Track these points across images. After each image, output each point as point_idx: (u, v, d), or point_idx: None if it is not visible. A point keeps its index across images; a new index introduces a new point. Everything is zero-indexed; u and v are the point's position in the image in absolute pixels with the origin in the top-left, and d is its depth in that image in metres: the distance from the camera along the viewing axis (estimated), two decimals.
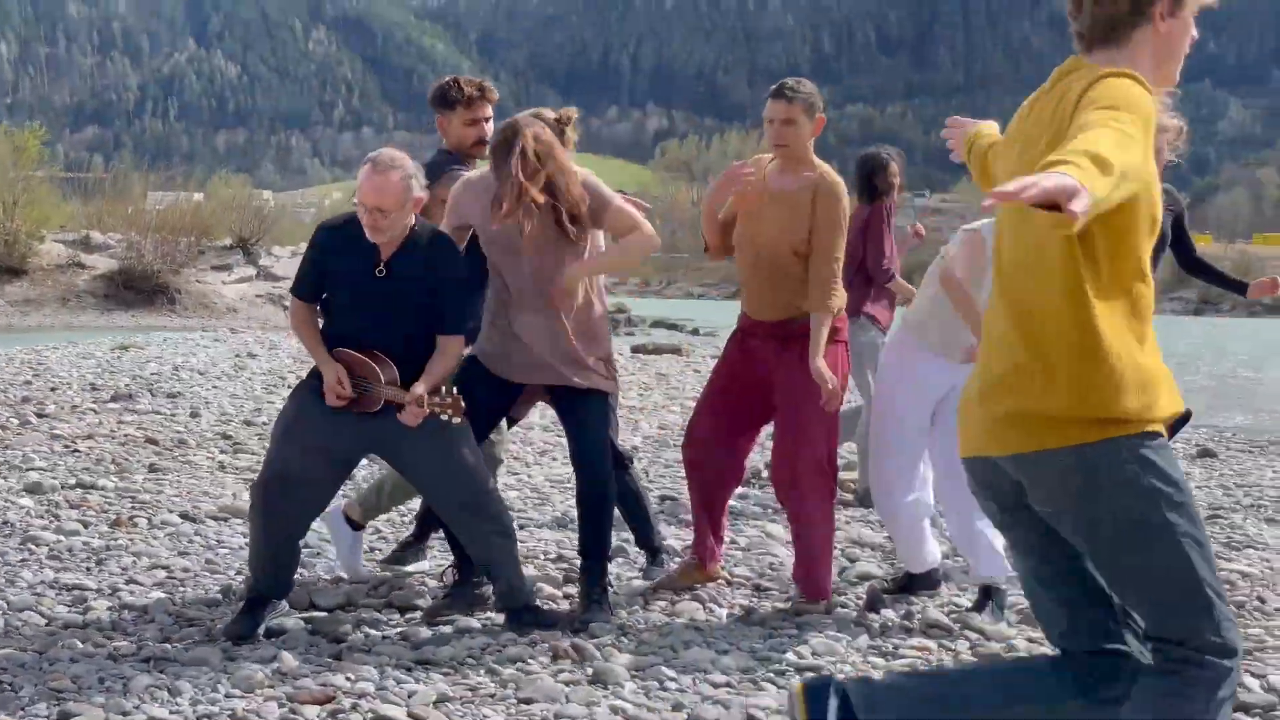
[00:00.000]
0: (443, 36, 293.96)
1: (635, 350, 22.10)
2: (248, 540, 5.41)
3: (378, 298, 5.03)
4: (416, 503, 6.38)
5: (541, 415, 10.56)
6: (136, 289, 40.24)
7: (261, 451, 8.98)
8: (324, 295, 5.16)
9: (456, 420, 4.99)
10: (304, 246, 5.56)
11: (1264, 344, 35.02)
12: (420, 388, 4.94)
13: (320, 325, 5.18)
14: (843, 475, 8.07)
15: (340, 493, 5.68)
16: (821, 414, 5.45)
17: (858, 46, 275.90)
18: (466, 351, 5.38)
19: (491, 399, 5.37)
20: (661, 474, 9.05)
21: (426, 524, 6.03)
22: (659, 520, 6.44)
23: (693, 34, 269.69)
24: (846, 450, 8.49)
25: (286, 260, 44.93)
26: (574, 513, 5.94)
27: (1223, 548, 7.27)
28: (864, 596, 5.70)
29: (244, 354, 18.13)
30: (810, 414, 5.45)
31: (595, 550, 5.36)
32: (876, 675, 4.67)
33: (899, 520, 5.66)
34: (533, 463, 9.32)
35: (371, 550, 6.42)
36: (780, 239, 5.48)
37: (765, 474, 8.45)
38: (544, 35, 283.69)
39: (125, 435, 10.07)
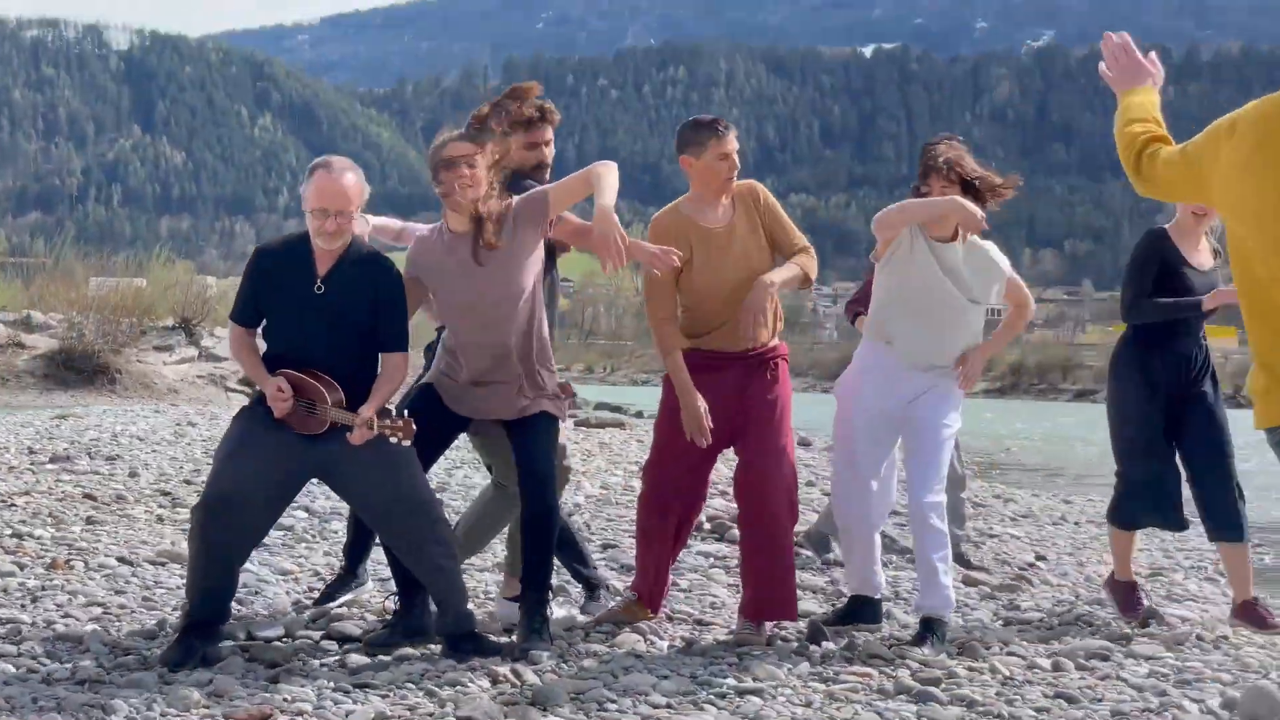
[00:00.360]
0: (388, 124, 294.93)
1: (579, 424, 22.08)
2: (186, 568, 5.37)
3: (317, 314, 5.05)
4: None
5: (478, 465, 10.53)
6: (77, 369, 39.84)
7: None
8: (263, 320, 5.18)
9: (405, 443, 4.99)
10: None
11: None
12: (368, 409, 4.94)
13: (261, 350, 5.19)
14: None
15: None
16: (789, 437, 5.57)
17: (801, 138, 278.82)
18: (425, 378, 5.42)
19: (442, 428, 5.38)
20: (604, 526, 9.04)
21: (355, 555, 6.01)
22: (594, 560, 6.45)
23: (638, 124, 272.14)
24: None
25: (228, 341, 44.69)
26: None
27: (1164, 599, 7.44)
28: (805, 629, 5.72)
29: (184, 423, 17.99)
30: (782, 437, 5.55)
31: (538, 580, 5.35)
32: (818, 698, 4.69)
33: (850, 533, 5.72)
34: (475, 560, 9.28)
35: (310, 590, 6.39)
36: (745, 267, 5.58)
37: (706, 525, 8.48)
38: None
39: (63, 492, 9.96)
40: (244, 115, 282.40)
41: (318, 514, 8.74)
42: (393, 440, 4.97)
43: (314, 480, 5.35)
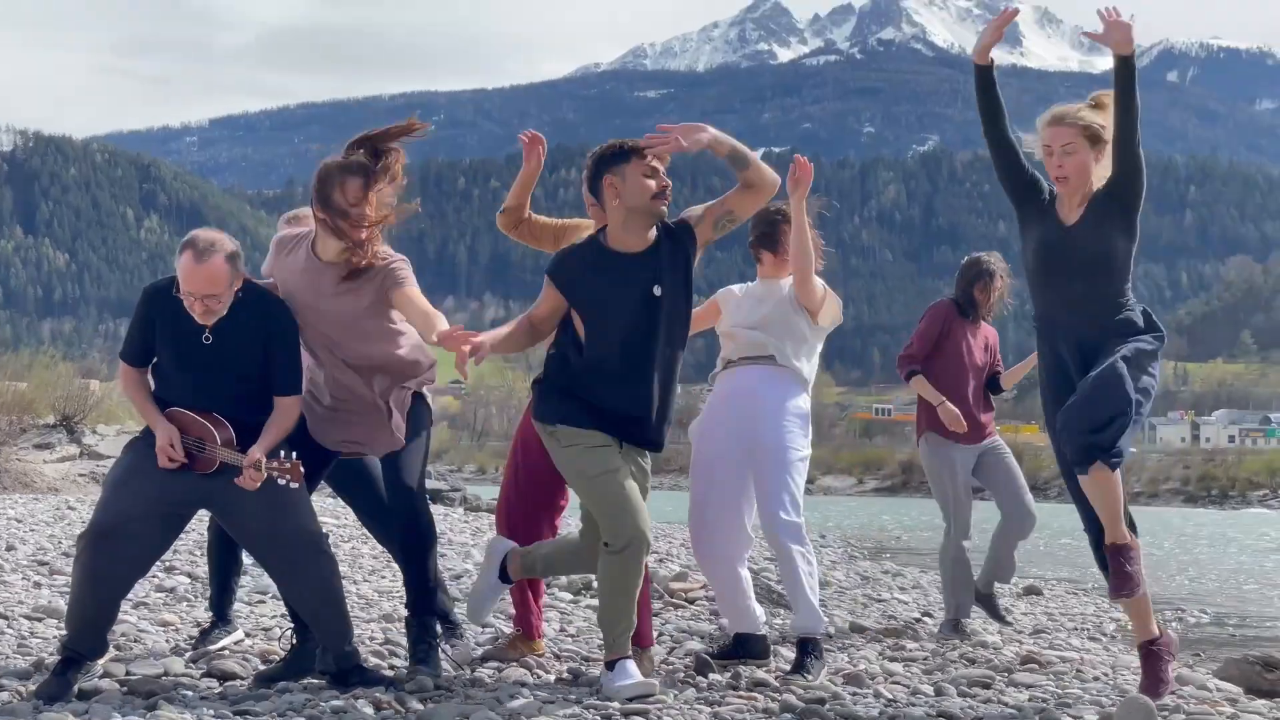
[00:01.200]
0: (276, 226, 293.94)
1: (470, 509, 22.07)
2: (68, 599, 5.25)
3: (205, 363, 5.00)
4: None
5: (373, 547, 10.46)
6: None
7: None
8: (153, 359, 5.12)
9: (294, 485, 4.94)
10: (131, 426, 5.53)
11: (1080, 522, 36.08)
12: (257, 451, 4.89)
13: (152, 388, 5.13)
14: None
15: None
16: None
17: None
18: None
19: (314, 454, 5.33)
20: None
21: (223, 601, 5.97)
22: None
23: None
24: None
25: (111, 439, 44.04)
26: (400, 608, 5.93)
27: (1047, 648, 7.54)
28: (691, 663, 5.73)
29: (64, 507, 17.69)
30: None
31: (422, 604, 5.33)
32: (704, 719, 4.69)
33: (718, 571, 5.73)
34: (361, 580, 9.20)
35: (189, 639, 6.29)
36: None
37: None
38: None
39: None
40: (130, 216, 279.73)
41: (200, 579, 8.61)
42: (280, 482, 4.92)
43: (196, 549, 5.34)
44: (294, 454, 4.98)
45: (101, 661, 5.20)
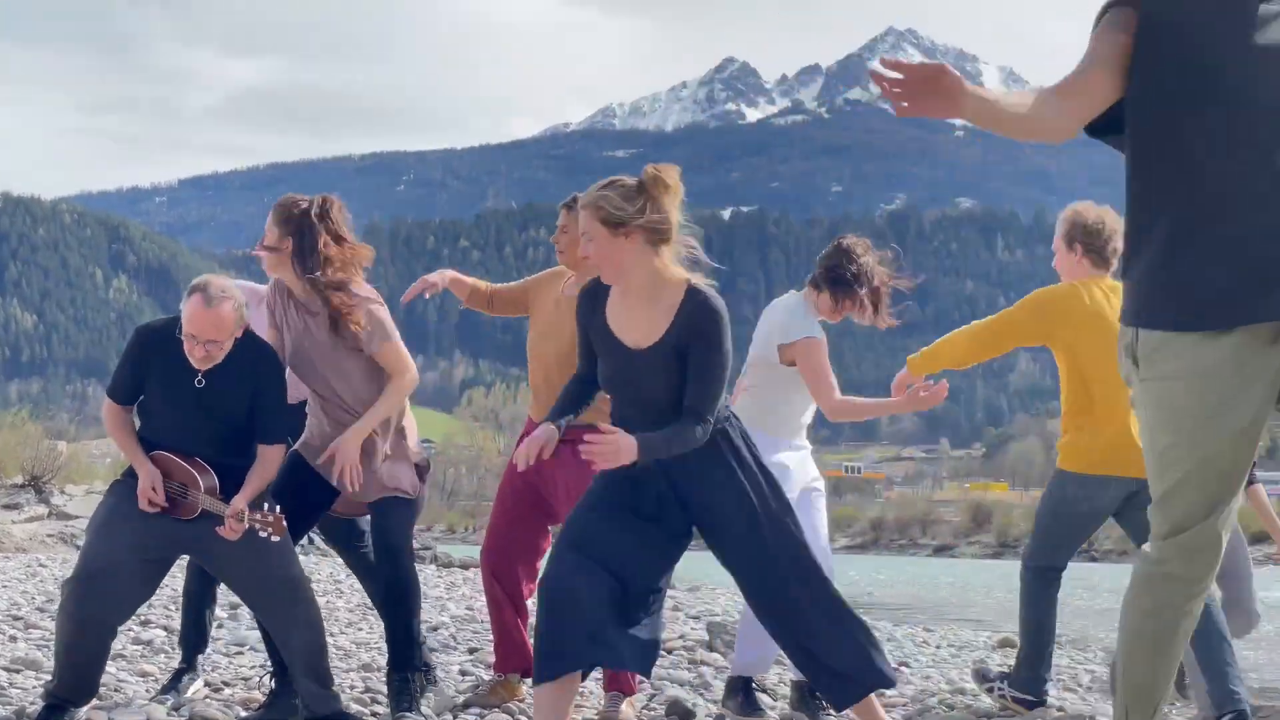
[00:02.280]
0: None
1: (444, 565, 22.01)
2: (54, 644, 5.23)
3: (195, 407, 5.01)
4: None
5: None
6: None
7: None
8: (139, 397, 5.13)
9: (275, 538, 4.94)
10: (99, 486, 5.55)
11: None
12: (240, 502, 4.90)
13: (136, 426, 5.14)
14: None
15: None
16: None
17: None
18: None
19: (313, 493, 5.35)
20: (469, 637, 8.99)
21: (193, 647, 5.98)
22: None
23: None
24: None
25: (80, 499, 43.81)
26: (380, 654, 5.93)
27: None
28: (668, 708, 5.76)
29: (34, 564, 17.61)
30: None
31: (404, 659, 5.33)
32: None
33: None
34: (339, 632, 9.19)
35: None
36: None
37: None
38: None
39: None
40: (99, 277, 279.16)
41: (175, 632, 8.58)
42: (263, 534, 4.92)
43: (171, 603, 5.36)
44: (277, 506, 4.99)
45: (84, 710, 5.18)
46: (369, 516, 5.50)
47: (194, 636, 6.02)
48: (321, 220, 5.22)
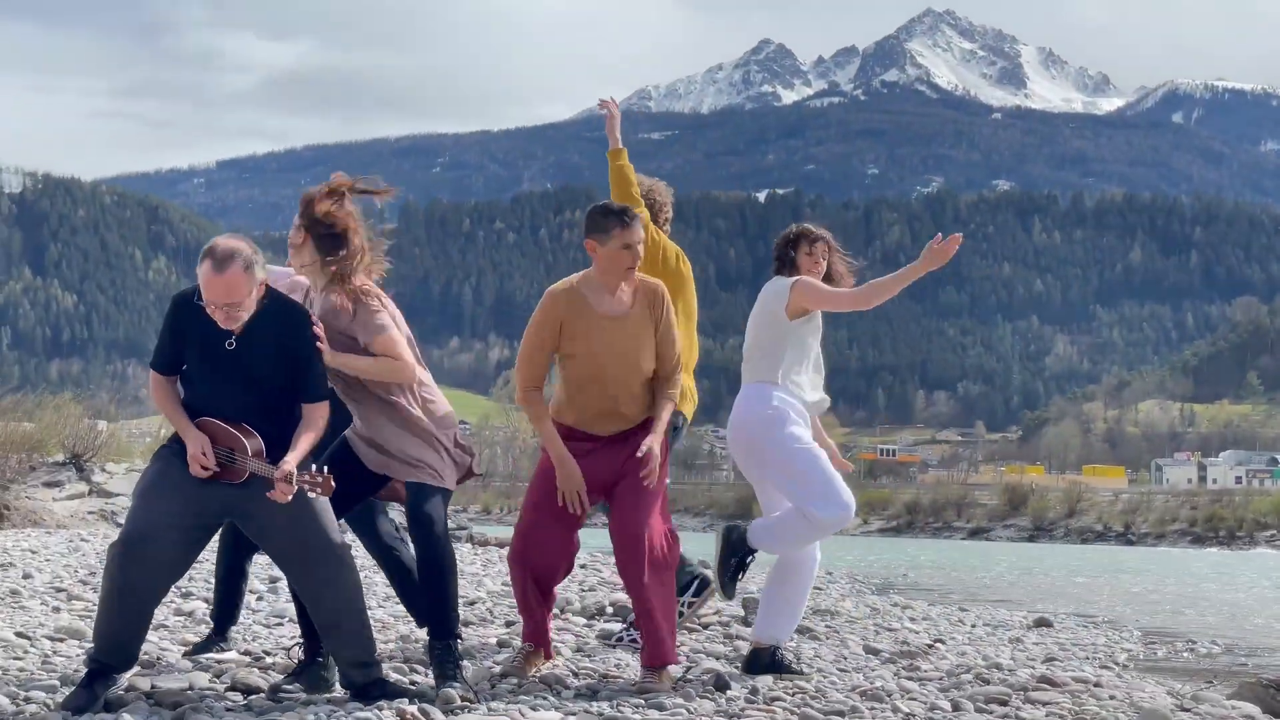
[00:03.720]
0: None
1: (480, 544, 22.11)
2: (96, 610, 5.29)
3: (230, 370, 5.04)
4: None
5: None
6: None
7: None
8: (183, 366, 5.17)
9: (324, 497, 5.00)
10: (139, 464, 5.60)
11: (1088, 561, 36.13)
12: (289, 463, 4.93)
13: (182, 395, 5.18)
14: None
15: None
16: (658, 495, 5.64)
17: (697, 281, 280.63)
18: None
19: (357, 481, 5.43)
20: (506, 611, 9.03)
21: (224, 618, 6.08)
22: None
23: (534, 267, 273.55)
24: None
25: (120, 476, 44.12)
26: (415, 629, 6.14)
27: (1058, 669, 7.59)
28: (710, 681, 5.79)
29: (77, 539, 17.77)
30: (652, 492, 5.63)
31: (443, 629, 5.38)
32: None
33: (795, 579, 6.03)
34: (376, 605, 9.25)
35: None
36: (628, 363, 5.68)
37: (610, 609, 8.53)
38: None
39: None
40: (137, 258, 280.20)
41: None
42: (311, 495, 4.96)
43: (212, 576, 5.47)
44: (324, 467, 5.03)
45: (126, 676, 5.25)
46: (387, 506, 5.64)
47: (228, 607, 6.15)
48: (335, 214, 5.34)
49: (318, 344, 5.14)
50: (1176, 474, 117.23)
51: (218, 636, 6.23)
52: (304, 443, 5.03)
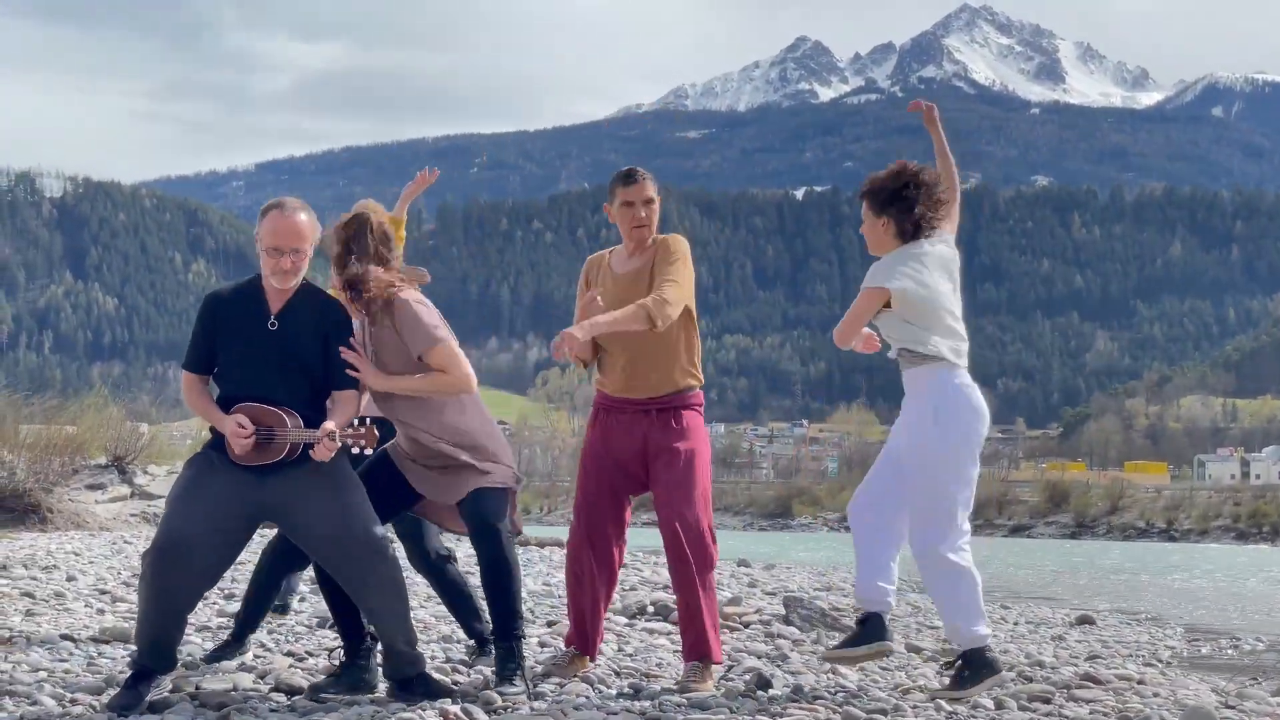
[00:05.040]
0: (323, 268, 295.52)
1: (521, 543, 22.17)
2: (136, 615, 5.34)
3: (269, 352, 5.10)
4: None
5: None
6: (7, 508, 39.34)
7: None
8: (214, 366, 5.21)
9: (369, 451, 5.04)
10: (180, 466, 5.65)
11: (1130, 558, 35.98)
12: (331, 424, 5.00)
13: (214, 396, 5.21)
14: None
15: None
16: (698, 487, 5.60)
17: (735, 280, 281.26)
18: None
19: (397, 493, 5.46)
20: (547, 611, 9.04)
21: (246, 626, 6.11)
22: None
23: (573, 266, 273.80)
24: None
25: (162, 479, 44.38)
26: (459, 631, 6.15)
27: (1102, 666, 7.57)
28: (752, 680, 5.78)
29: (120, 541, 17.89)
30: (689, 486, 5.60)
31: (507, 629, 5.40)
32: None
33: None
34: (418, 606, 9.28)
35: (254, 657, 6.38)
36: None
37: (650, 608, 8.53)
38: (423, 266, 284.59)
39: (0, 593, 9.87)
40: (177, 261, 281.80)
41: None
42: (355, 450, 5.01)
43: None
44: (367, 419, 5.08)
45: (170, 677, 5.28)
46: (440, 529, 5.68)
47: (253, 615, 6.17)
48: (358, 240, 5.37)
49: (353, 370, 5.18)
50: (1219, 470, 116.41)
51: (236, 643, 6.24)
52: (339, 417, 5.10)
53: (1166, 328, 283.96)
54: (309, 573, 10.04)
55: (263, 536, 7.47)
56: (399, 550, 5.52)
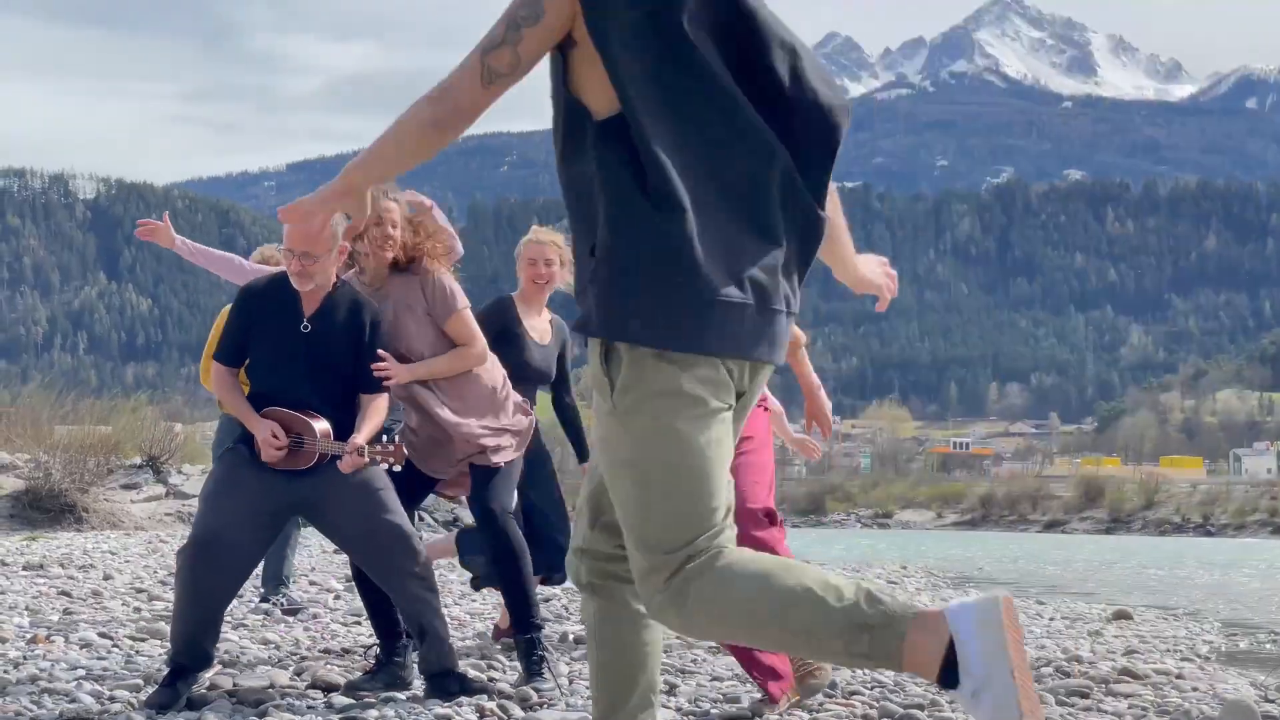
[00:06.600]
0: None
1: None
2: (172, 612, 5.37)
3: (302, 353, 5.10)
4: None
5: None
6: (43, 508, 39.60)
7: None
8: (246, 360, 5.23)
9: (397, 467, 5.04)
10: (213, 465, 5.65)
11: (1166, 553, 35.88)
12: (359, 438, 5.00)
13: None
14: None
15: None
16: (761, 469, 5.57)
17: None
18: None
19: (414, 484, 5.47)
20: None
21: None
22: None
23: None
24: None
25: (196, 478, 44.63)
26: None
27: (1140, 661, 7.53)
28: None
29: (155, 540, 17.99)
30: (745, 481, 5.58)
31: (523, 622, 5.40)
32: None
33: None
34: (452, 604, 9.31)
35: (291, 655, 6.39)
36: None
37: None
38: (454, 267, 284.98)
39: (38, 591, 9.94)
40: None
41: (295, 601, 8.75)
42: (383, 466, 5.02)
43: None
44: (395, 435, 5.09)
45: (208, 674, 5.30)
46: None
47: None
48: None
49: (384, 375, 5.18)
50: (1255, 464, 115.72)
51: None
52: (368, 427, 5.09)
53: (1201, 321, 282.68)
54: (342, 571, 10.11)
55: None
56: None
